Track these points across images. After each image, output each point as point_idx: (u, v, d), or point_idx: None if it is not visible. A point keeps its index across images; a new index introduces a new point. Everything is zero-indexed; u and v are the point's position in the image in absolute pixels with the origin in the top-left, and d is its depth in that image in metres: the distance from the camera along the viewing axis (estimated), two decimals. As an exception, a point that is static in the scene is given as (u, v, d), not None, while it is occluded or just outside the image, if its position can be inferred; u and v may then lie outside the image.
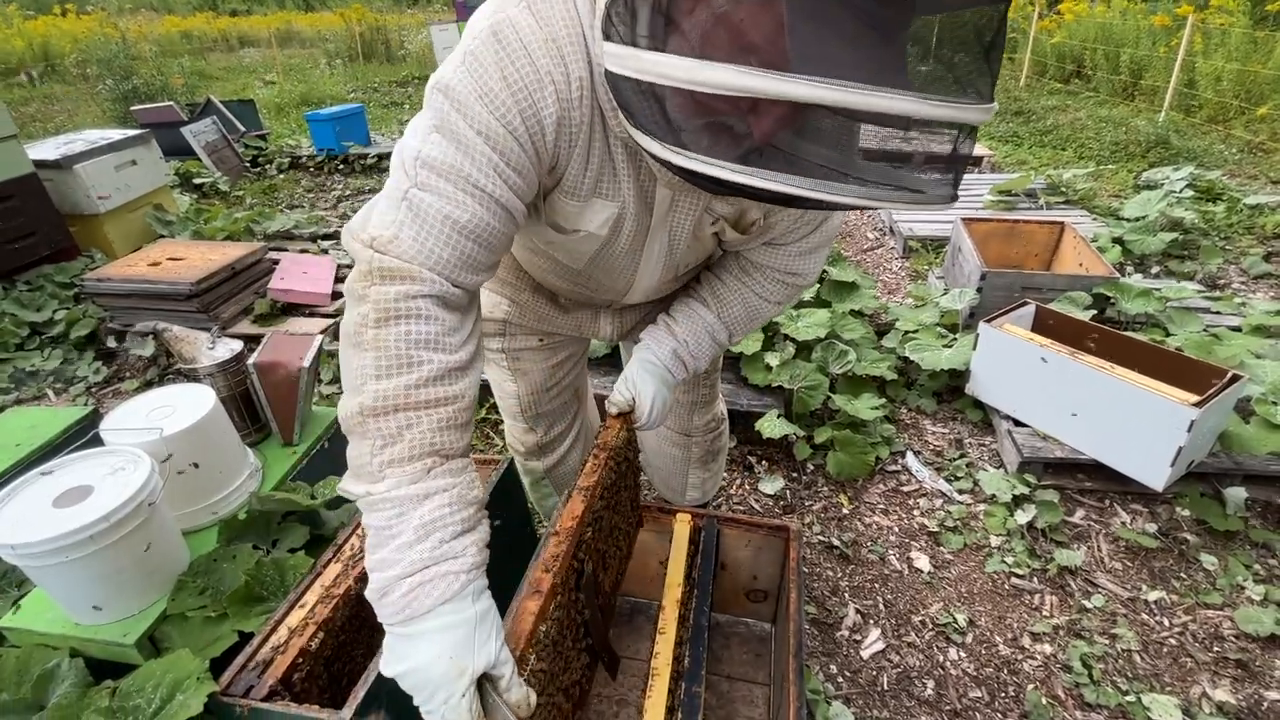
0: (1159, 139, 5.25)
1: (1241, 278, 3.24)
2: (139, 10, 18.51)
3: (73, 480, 1.12)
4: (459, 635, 0.66)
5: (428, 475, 0.70)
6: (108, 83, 7.72)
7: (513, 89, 0.69)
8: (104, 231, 3.55)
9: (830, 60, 0.53)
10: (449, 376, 0.72)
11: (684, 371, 1.13)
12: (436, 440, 0.71)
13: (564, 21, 0.70)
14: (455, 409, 0.72)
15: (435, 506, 0.69)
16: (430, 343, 0.71)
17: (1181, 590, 1.71)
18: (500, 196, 0.72)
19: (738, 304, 1.09)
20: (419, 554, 0.67)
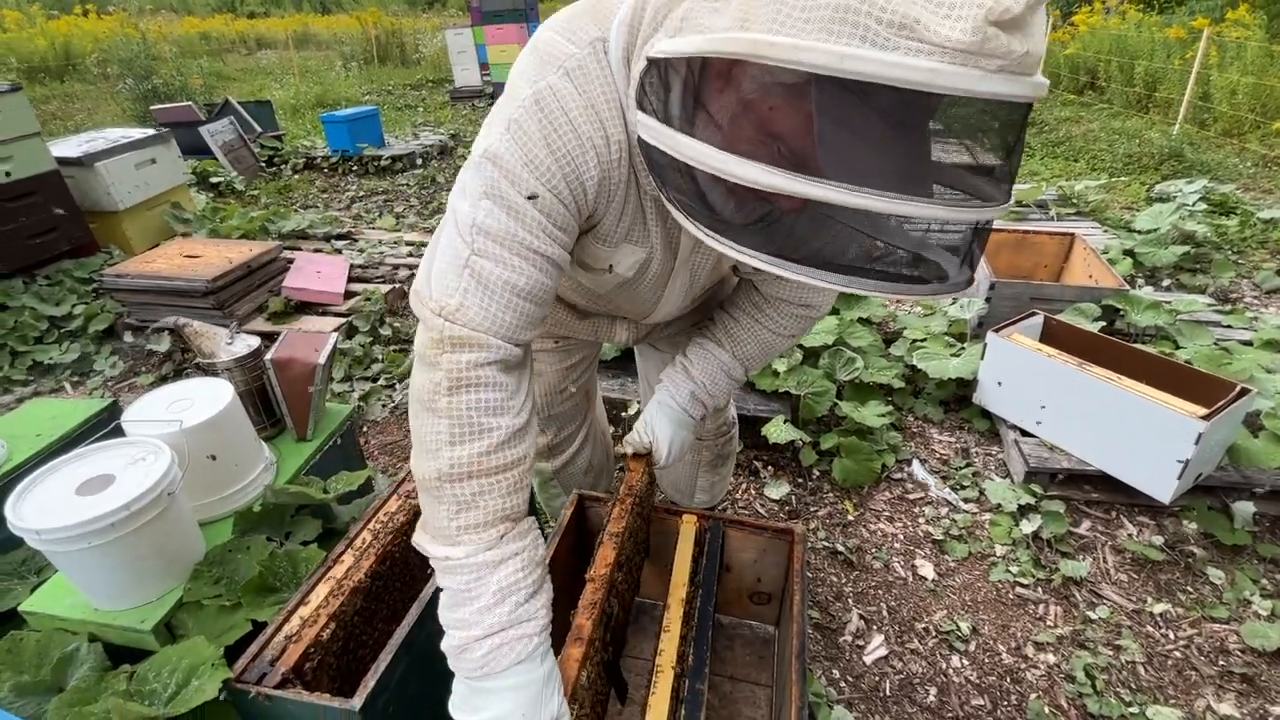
0: (1172, 152, 5.23)
1: (1254, 292, 3.22)
2: (159, 11, 18.80)
3: (95, 469, 1.15)
4: (530, 694, 0.76)
5: (500, 541, 0.78)
6: (128, 82, 7.85)
7: (557, 156, 0.72)
8: (123, 228, 3.62)
9: (857, 164, 0.54)
10: (514, 439, 0.79)
11: (703, 410, 1.18)
12: (506, 505, 0.78)
13: (602, 87, 0.73)
14: (520, 471, 0.80)
15: (509, 572, 0.77)
16: (497, 409, 0.77)
17: (1187, 603, 1.71)
18: (551, 254, 0.77)
19: (751, 342, 1.12)
20: (496, 618, 0.75)
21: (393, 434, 2.47)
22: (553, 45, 0.74)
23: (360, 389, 2.70)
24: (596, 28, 0.73)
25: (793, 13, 0.51)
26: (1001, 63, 0.48)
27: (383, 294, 3.24)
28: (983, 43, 0.47)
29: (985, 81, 0.49)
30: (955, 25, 0.46)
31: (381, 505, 1.32)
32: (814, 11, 0.50)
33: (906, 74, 0.48)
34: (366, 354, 2.90)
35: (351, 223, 4.58)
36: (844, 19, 0.49)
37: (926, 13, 0.47)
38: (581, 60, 0.72)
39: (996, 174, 0.59)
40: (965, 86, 0.48)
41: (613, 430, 2.30)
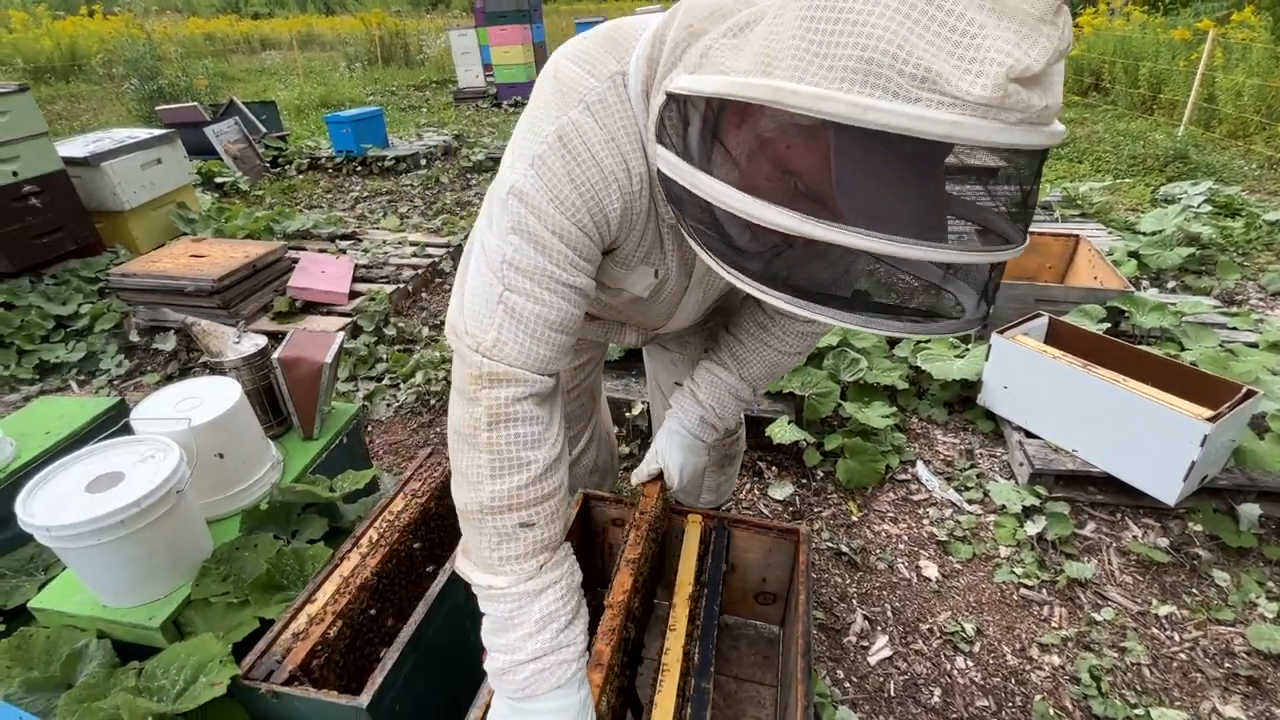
0: (1177, 153, 5.21)
1: (1259, 294, 3.22)
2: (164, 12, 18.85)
3: (105, 467, 1.16)
4: (568, 718, 0.82)
5: (540, 571, 0.83)
6: (133, 83, 7.88)
7: (581, 191, 0.74)
8: (129, 228, 3.63)
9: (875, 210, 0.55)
10: (551, 470, 0.83)
11: (714, 433, 1.20)
12: (545, 535, 0.83)
13: (622, 120, 0.74)
14: (557, 500, 0.85)
15: (550, 600, 0.82)
16: (535, 442, 0.81)
17: (1193, 606, 1.71)
18: (578, 284, 0.79)
19: (756, 363, 1.13)
20: (539, 644, 0.81)
21: (397, 434, 2.48)
22: (573, 78, 0.74)
23: (365, 389, 2.70)
24: (616, 61, 0.74)
25: (815, 60, 0.52)
26: (1021, 116, 0.49)
27: (387, 294, 3.25)
28: (1004, 98, 0.47)
29: (1004, 133, 0.49)
30: (977, 81, 0.47)
31: (387, 504, 1.33)
32: (837, 60, 0.50)
33: (928, 126, 0.48)
34: (371, 354, 2.90)
35: (356, 223, 4.60)
36: (867, 70, 0.49)
37: (949, 67, 0.47)
38: (602, 94, 0.73)
39: (1014, 216, 0.59)
40: (985, 138, 0.49)
41: (617, 430, 2.30)
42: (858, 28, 0.49)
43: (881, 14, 0.48)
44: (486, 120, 8.06)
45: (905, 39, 0.48)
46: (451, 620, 1.18)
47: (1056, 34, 0.47)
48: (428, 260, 3.73)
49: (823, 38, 0.51)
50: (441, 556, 1.37)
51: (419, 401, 2.63)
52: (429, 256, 3.80)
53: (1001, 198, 0.59)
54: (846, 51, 0.50)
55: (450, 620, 1.17)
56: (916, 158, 0.55)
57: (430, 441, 2.42)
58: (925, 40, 0.47)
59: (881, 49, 0.48)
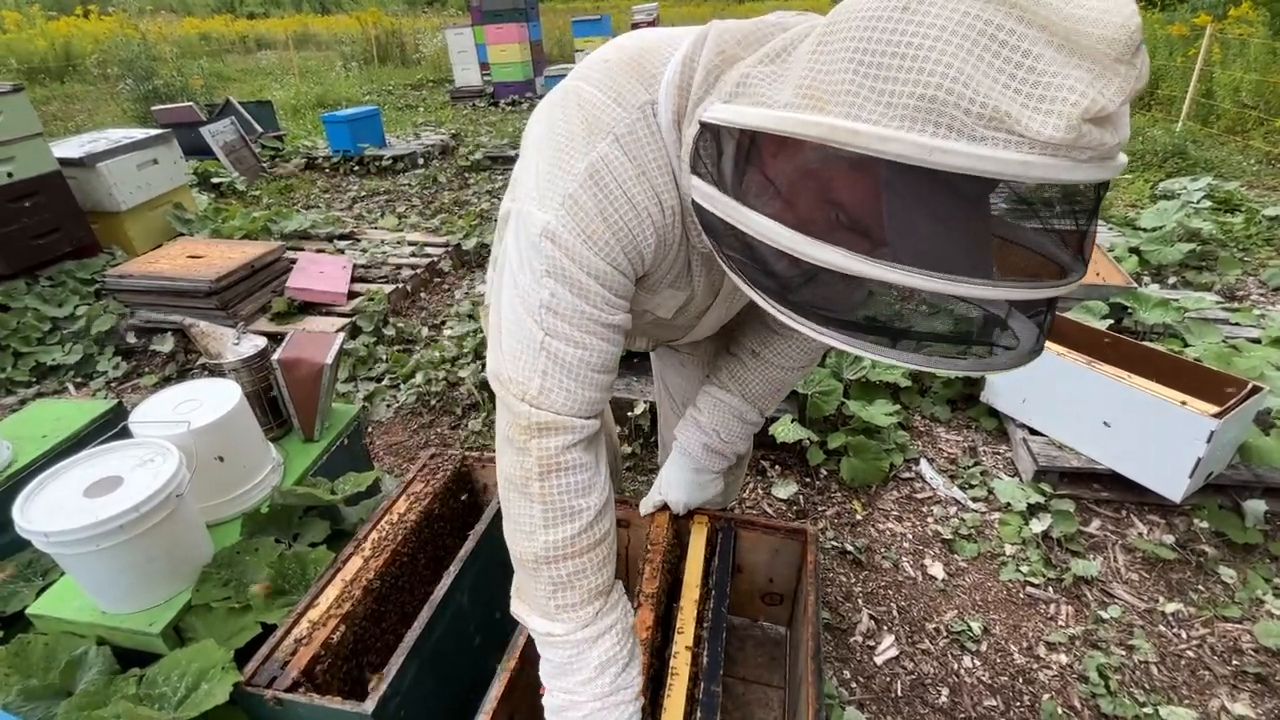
0: (1176, 149, 5.21)
1: (1260, 289, 3.21)
2: (159, 12, 18.78)
3: (103, 471, 1.14)
4: None
5: (596, 618, 0.85)
6: (128, 83, 7.84)
7: (615, 231, 0.73)
8: (125, 229, 3.61)
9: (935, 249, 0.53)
10: (602, 515, 0.84)
11: (722, 461, 1.17)
12: (599, 581, 0.85)
13: (653, 152, 0.72)
14: (609, 544, 0.86)
15: (607, 646, 0.85)
16: (586, 489, 0.82)
17: (1199, 603, 1.70)
18: (617, 322, 0.79)
19: (758, 381, 1.10)
20: (599, 688, 0.84)
21: (397, 435, 2.46)
22: (601, 108, 0.71)
23: (365, 389, 2.69)
24: (645, 90, 0.71)
25: (873, 96, 0.49)
26: (1093, 154, 0.47)
27: (386, 294, 3.23)
28: (1077, 139, 0.45)
29: (1074, 171, 0.47)
30: (1049, 122, 0.45)
31: (390, 506, 1.31)
32: (896, 98, 0.48)
33: (998, 167, 0.47)
34: (370, 354, 2.89)
35: (354, 223, 4.58)
36: (930, 109, 0.47)
37: (1018, 107, 0.45)
38: (632, 125, 0.70)
39: (1074, 246, 0.57)
40: (1056, 177, 0.47)
41: (619, 430, 2.29)
42: (919, 63, 0.47)
43: (944, 49, 0.46)
44: (484, 119, 8.03)
45: (971, 76, 0.45)
46: (456, 624, 1.16)
47: (1134, 75, 0.45)
48: (426, 260, 3.71)
49: (881, 72, 0.48)
50: (445, 559, 1.35)
51: (419, 402, 2.62)
52: (427, 256, 3.78)
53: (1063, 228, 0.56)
54: (907, 89, 0.47)
55: (455, 624, 1.16)
56: (973, 194, 0.53)
57: (431, 442, 2.41)
58: (991, 78, 0.45)
59: (946, 86, 0.46)
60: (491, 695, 0.95)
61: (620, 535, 1.37)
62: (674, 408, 1.41)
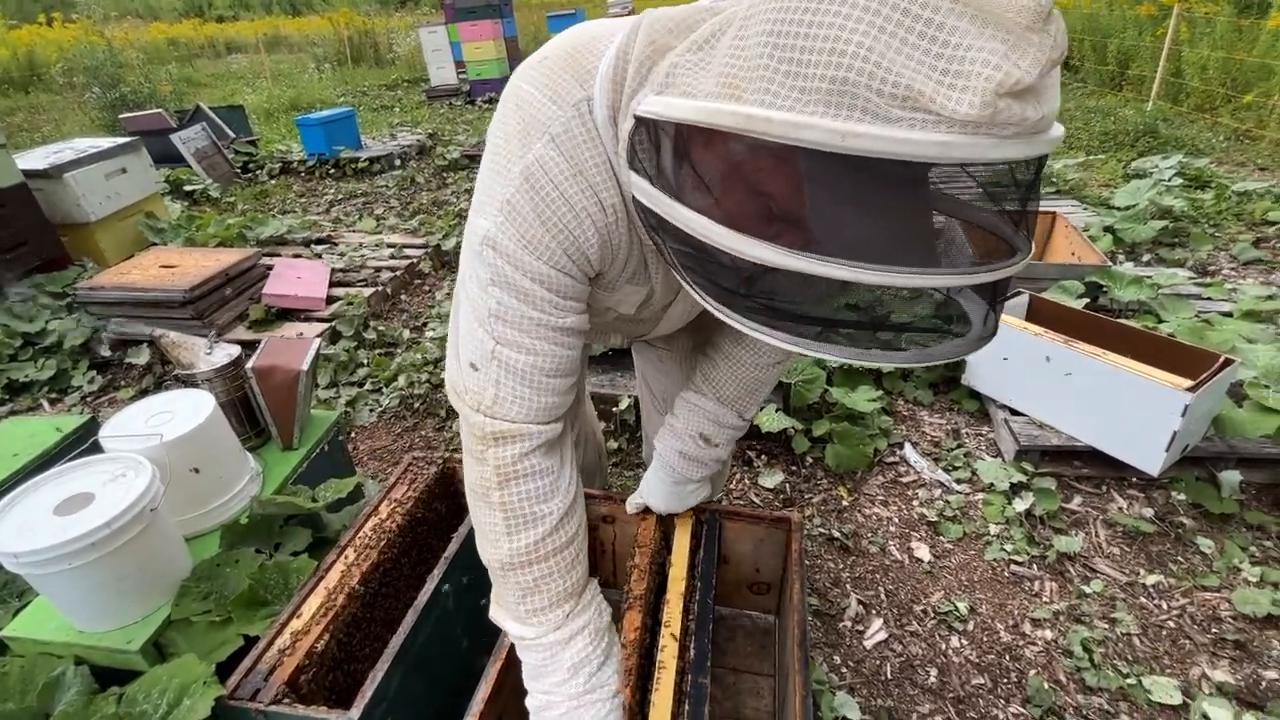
0: (1147, 128, 5.28)
1: (1231, 264, 3.27)
2: (124, 17, 18.39)
3: (73, 488, 1.12)
4: None
5: (567, 620, 0.86)
6: (95, 91, 7.68)
7: (554, 233, 0.71)
8: (95, 240, 3.53)
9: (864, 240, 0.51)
10: (566, 519, 0.85)
11: (701, 468, 1.15)
12: (567, 584, 0.86)
13: (590, 151, 0.70)
14: (576, 545, 0.87)
15: (580, 647, 0.86)
16: (547, 494, 0.83)
17: (1179, 574, 1.73)
18: (568, 324, 0.78)
19: (731, 382, 1.07)
20: (573, 689, 0.85)
21: (381, 439, 2.44)
22: (536, 107, 0.70)
23: (347, 394, 2.66)
24: (580, 86, 0.69)
25: (787, 81, 0.47)
26: (1016, 130, 0.45)
27: (365, 297, 3.19)
28: (994, 115, 0.43)
29: (1000, 148, 0.46)
30: (963, 98, 0.43)
31: (372, 511, 1.30)
32: (810, 83, 0.46)
33: (915, 149, 0.45)
34: (352, 359, 2.86)
35: (331, 226, 4.52)
36: (843, 91, 0.45)
37: (931, 84, 0.43)
38: (567, 124, 0.69)
39: (1015, 226, 0.55)
40: (979, 156, 0.46)
41: (605, 426, 2.29)
42: (829, 43, 0.45)
43: (854, 27, 0.44)
44: (461, 118, 7.96)
45: (883, 55, 0.44)
46: (442, 628, 1.16)
47: (1048, 43, 0.43)
48: (405, 261, 3.68)
49: (793, 54, 0.47)
50: (430, 562, 1.34)
51: (402, 405, 2.60)
52: (407, 258, 3.74)
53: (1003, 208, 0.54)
54: (819, 71, 0.46)
55: (440, 628, 1.15)
56: (907, 177, 0.51)
57: (415, 445, 2.39)
58: (904, 55, 0.43)
59: (857, 67, 0.44)
60: (478, 698, 0.95)
61: (606, 531, 1.36)
62: (655, 404, 1.40)
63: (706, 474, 1.17)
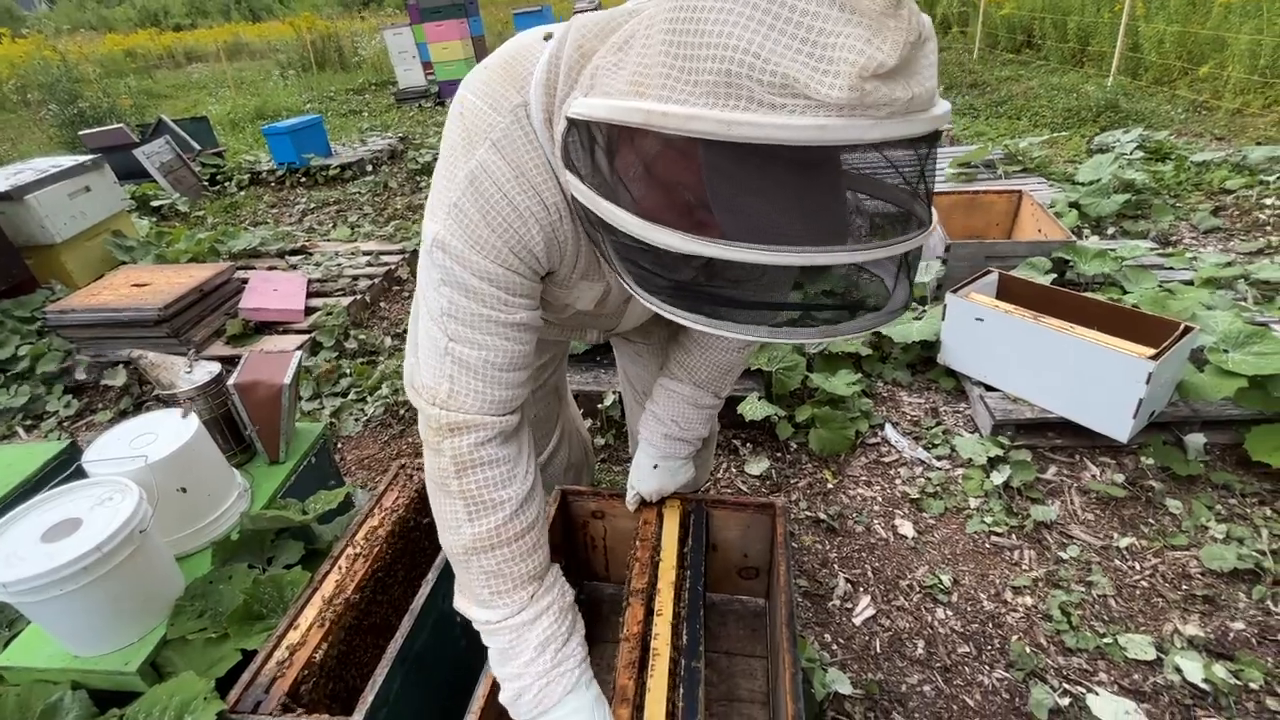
0: (1108, 103, 5.39)
1: (1192, 233, 3.36)
2: (77, 31, 17.89)
3: (60, 514, 1.12)
4: (583, 717, 0.86)
5: (531, 601, 0.87)
6: (51, 108, 7.49)
7: (499, 232, 0.74)
8: (62, 262, 3.47)
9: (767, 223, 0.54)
10: (525, 504, 0.87)
11: (685, 446, 1.20)
12: (529, 566, 0.88)
13: (530, 153, 0.73)
14: (537, 530, 0.89)
15: (545, 626, 0.87)
16: (505, 481, 0.85)
17: (1150, 535, 1.80)
18: (519, 320, 0.80)
19: (704, 367, 1.12)
20: (541, 666, 0.86)
21: (368, 448, 2.44)
22: (478, 115, 0.73)
23: (331, 405, 2.65)
24: (516, 92, 0.72)
25: (681, 76, 0.51)
26: (890, 110, 0.48)
27: (344, 307, 3.17)
28: (862, 97, 0.46)
29: (877, 129, 0.48)
30: (834, 83, 0.46)
31: (363, 520, 1.31)
32: (700, 76, 0.49)
33: (794, 134, 0.47)
34: (334, 369, 2.84)
35: (305, 236, 4.47)
36: (728, 83, 0.48)
37: (805, 71, 0.46)
38: (507, 129, 0.72)
39: (912, 202, 0.58)
40: (855, 137, 0.48)
41: (591, 423, 2.31)
42: (716, 39, 0.48)
43: (736, 21, 0.47)
44: (431, 120, 7.88)
45: (761, 46, 0.47)
46: (439, 631, 1.17)
47: (903, 26, 0.46)
48: (383, 268, 3.66)
49: (687, 51, 0.50)
50: (424, 566, 1.36)
51: (388, 413, 2.59)
52: (384, 264, 3.72)
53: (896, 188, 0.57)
54: (708, 65, 0.49)
55: (438, 631, 1.17)
56: (800, 163, 0.54)
57: (403, 453, 2.39)
58: (781, 45, 0.46)
59: (738, 59, 0.47)
60: (477, 696, 0.97)
61: (596, 527, 1.39)
62: (636, 397, 1.43)
63: (690, 451, 1.21)
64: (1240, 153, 4.00)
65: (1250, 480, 1.89)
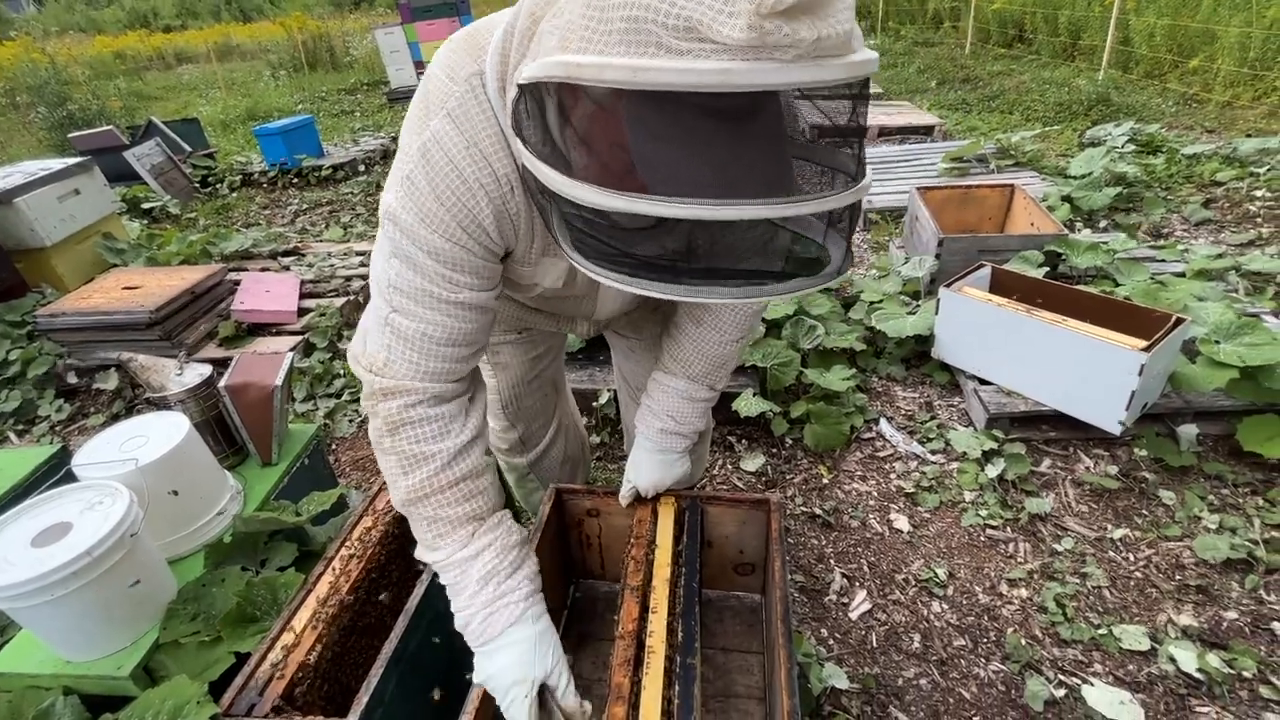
0: (1100, 97, 5.41)
1: (1183, 226, 3.38)
2: (65, 33, 17.76)
3: (50, 519, 1.11)
4: (522, 649, 0.89)
5: (472, 539, 0.91)
6: (40, 111, 7.43)
7: (447, 206, 0.74)
8: (52, 265, 3.44)
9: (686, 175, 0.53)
10: (459, 457, 0.88)
11: (681, 440, 1.20)
12: (467, 510, 0.90)
13: (483, 123, 0.73)
14: (474, 483, 0.91)
15: (486, 560, 0.90)
16: (437, 437, 0.87)
17: (1144, 526, 1.81)
18: (464, 300, 0.80)
19: (697, 359, 1.12)
20: (484, 598, 0.90)
21: (363, 448, 2.43)
22: (436, 86, 0.74)
23: (325, 406, 2.64)
24: (474, 61, 0.73)
25: (597, 27, 0.50)
26: (796, 52, 0.46)
27: (338, 307, 3.16)
28: (762, 37, 0.45)
29: (784, 73, 0.46)
30: (733, 23, 0.45)
31: (357, 521, 1.31)
32: (612, 25, 0.49)
33: (699, 79, 0.46)
34: (327, 370, 2.83)
35: (298, 237, 4.45)
36: (637, 29, 0.48)
37: (708, 13, 0.45)
38: (462, 98, 0.72)
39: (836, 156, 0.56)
40: (762, 81, 0.46)
41: (586, 420, 2.30)
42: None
43: None
44: (423, 120, 7.83)
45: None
46: (434, 631, 1.17)
47: None
48: (377, 269, 3.64)
49: (602, 1, 0.50)
50: (418, 567, 1.35)
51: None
52: (377, 265, 3.70)
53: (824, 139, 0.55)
54: (618, 13, 0.49)
55: (433, 631, 1.17)
56: (718, 111, 0.52)
57: (398, 453, 2.38)
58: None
59: (644, 3, 0.47)
60: (471, 696, 0.96)
61: (591, 525, 1.39)
62: (631, 394, 1.43)
63: (686, 445, 1.21)
64: (1231, 145, 4.02)
65: (1242, 470, 1.90)
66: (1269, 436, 1.86)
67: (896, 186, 3.98)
